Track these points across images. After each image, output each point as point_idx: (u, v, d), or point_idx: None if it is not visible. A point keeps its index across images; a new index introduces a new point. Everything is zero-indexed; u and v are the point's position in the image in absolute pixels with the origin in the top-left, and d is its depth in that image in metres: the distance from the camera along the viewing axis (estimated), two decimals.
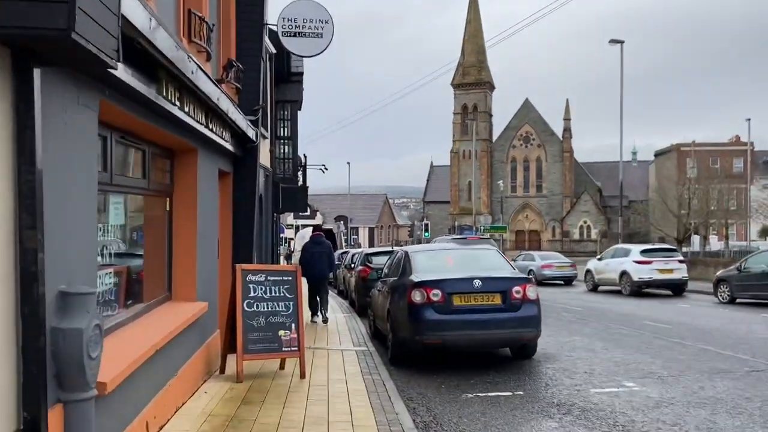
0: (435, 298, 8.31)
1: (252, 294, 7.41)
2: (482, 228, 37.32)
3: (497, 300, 8.42)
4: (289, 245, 53.70)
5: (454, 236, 34.49)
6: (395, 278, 9.75)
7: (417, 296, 8.39)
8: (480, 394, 7.17)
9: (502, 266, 9.34)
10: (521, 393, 7.22)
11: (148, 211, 6.37)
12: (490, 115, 78.06)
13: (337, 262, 27.75)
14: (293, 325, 7.58)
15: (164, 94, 4.78)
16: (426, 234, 49.82)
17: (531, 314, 8.46)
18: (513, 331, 8.36)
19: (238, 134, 8.63)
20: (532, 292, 8.56)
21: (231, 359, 7.45)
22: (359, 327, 12.98)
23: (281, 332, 7.48)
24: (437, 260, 9.57)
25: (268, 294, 7.53)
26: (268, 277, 7.59)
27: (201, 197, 6.99)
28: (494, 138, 77.57)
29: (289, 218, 74.59)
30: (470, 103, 75.93)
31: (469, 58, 76.49)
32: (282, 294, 7.62)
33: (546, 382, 7.80)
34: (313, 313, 13.22)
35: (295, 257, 18.26)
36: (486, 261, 9.49)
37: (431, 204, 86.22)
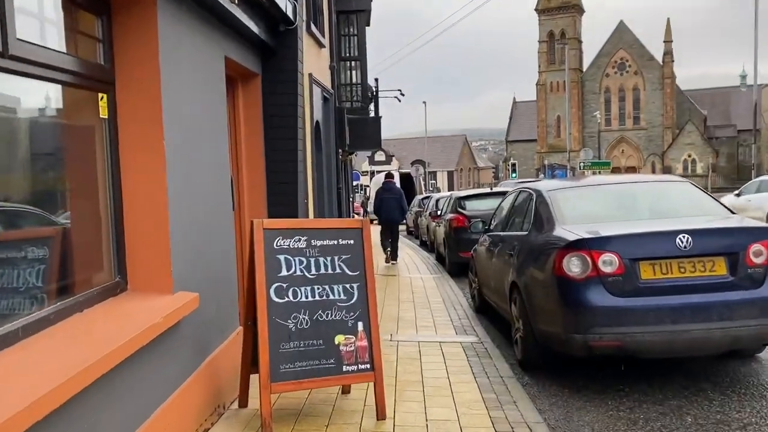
0: (608, 269, 4.74)
1: (284, 272, 4.09)
2: (581, 165, 32.76)
3: (721, 269, 4.73)
4: (365, 193, 50.82)
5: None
6: (522, 233, 6.20)
7: (574, 265, 4.83)
8: None
9: (713, 209, 5.57)
10: None
11: (59, 116, 3.12)
12: (580, 42, 71.12)
13: (417, 209, 24.64)
14: (360, 324, 4.23)
15: None
16: (513, 175, 45.64)
17: None
18: (752, 325, 4.67)
19: (259, 3, 5.18)
20: None
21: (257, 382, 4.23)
22: (456, 295, 9.61)
23: (339, 338, 4.15)
24: (597, 202, 5.90)
25: (313, 271, 4.18)
26: (313, 241, 4.23)
27: (172, 96, 3.65)
28: (585, 67, 70.77)
29: (364, 164, 71.68)
30: (557, 30, 69.23)
31: None
32: (338, 269, 4.26)
33: None
34: (385, 250, 13.80)
35: (371, 206, 15.71)
36: (680, 202, 5.74)
37: (515, 143, 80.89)
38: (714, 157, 65.51)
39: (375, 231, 17.53)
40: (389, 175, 14.32)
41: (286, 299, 4.06)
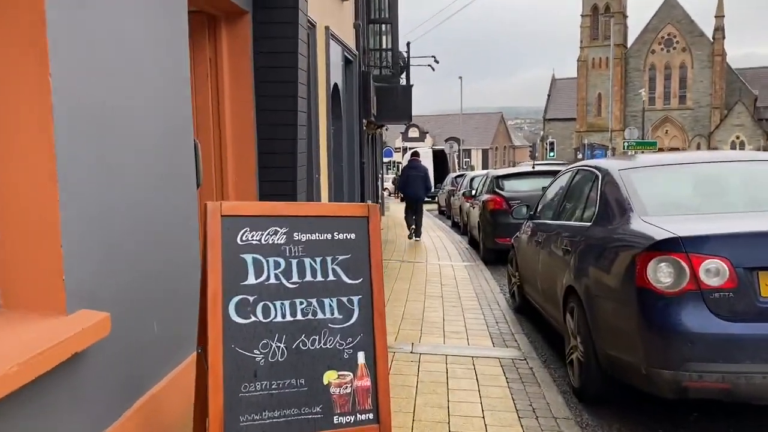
0: (713, 281, 3.38)
1: (251, 279, 2.82)
2: (626, 145, 30.81)
3: None
4: (398, 170, 49.28)
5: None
6: (581, 224, 4.83)
7: (663, 273, 3.48)
8: None
9: None
10: None
11: None
12: (625, 16, 67.86)
13: (450, 187, 23.24)
14: (361, 355, 2.95)
15: None
16: (551, 154, 43.66)
17: None
18: None
19: None
20: None
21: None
22: (492, 290, 8.29)
23: (329, 376, 2.88)
24: (685, 187, 4.48)
25: (294, 277, 2.90)
26: (297, 235, 2.94)
27: (70, 9, 2.38)
28: (629, 43, 67.62)
29: (397, 140, 70.07)
30: (601, 3, 66.05)
31: None
32: (332, 276, 2.97)
33: None
34: (409, 226, 13.93)
35: None
36: None
37: (552, 122, 78.27)
38: (764, 140, 62.21)
39: (399, 208, 16.28)
40: (415, 153, 14.45)
41: (253, 319, 2.80)
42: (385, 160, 39.08)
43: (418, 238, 13.77)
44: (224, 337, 2.72)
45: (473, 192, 14.16)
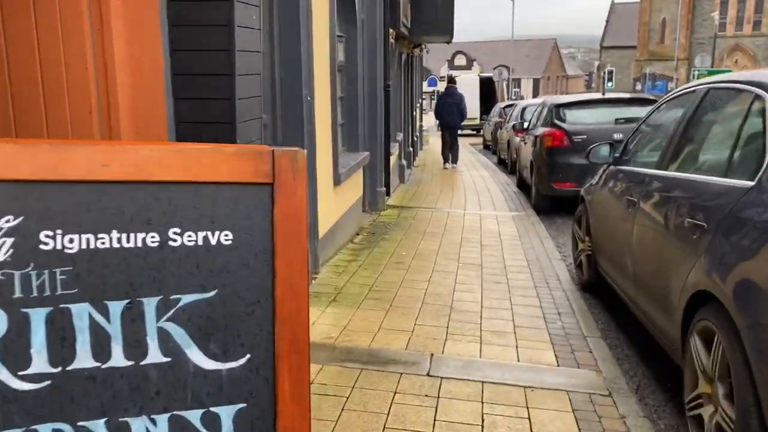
0: None
1: None
2: (697, 73, 27.53)
3: None
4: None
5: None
6: (728, 181, 2.76)
7: None
8: None
9: None
10: None
11: None
12: None
13: (498, 119, 20.87)
14: None
15: None
16: (609, 84, 40.20)
17: None
18: None
19: None
20: None
21: None
22: (547, 253, 6.32)
23: None
24: None
25: (34, 364, 1.01)
26: (48, 236, 1.03)
27: None
28: None
29: (442, 69, 66.54)
30: None
31: None
32: (158, 353, 1.07)
33: None
34: (445, 161, 14.12)
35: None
36: None
37: (610, 50, 73.07)
38: None
39: (439, 142, 14.40)
40: (451, 80, 14.45)
41: None
42: (429, 89, 36.50)
43: (455, 165, 14.05)
44: None
45: (525, 124, 11.91)
